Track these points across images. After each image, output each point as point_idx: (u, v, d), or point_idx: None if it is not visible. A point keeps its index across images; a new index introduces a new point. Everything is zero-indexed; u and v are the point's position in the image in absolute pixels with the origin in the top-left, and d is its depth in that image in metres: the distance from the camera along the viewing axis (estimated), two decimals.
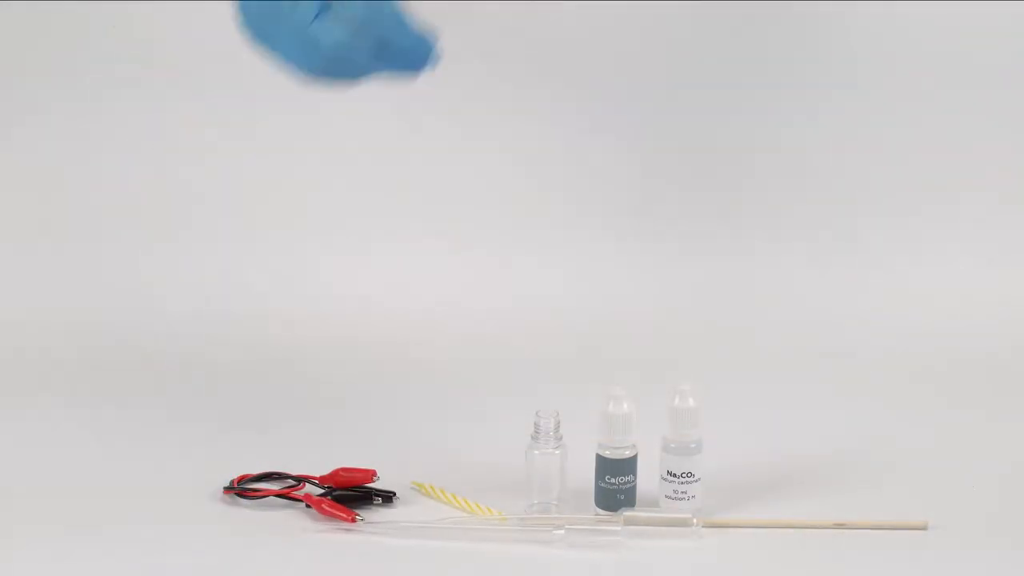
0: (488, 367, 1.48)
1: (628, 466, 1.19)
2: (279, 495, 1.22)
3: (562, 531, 1.17)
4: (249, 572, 1.15)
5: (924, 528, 1.18)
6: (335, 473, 1.23)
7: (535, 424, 1.20)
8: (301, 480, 1.23)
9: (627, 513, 1.18)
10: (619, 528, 1.17)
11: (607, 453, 1.19)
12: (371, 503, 1.21)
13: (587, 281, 1.58)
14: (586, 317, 1.56)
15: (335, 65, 1.17)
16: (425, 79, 1.20)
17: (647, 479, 1.20)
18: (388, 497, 1.22)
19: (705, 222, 1.59)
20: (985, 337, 1.53)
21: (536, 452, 1.20)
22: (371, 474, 1.23)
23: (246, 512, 1.21)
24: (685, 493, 1.19)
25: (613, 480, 1.19)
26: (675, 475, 1.19)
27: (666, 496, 1.20)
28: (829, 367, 1.49)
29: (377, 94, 1.28)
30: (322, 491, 1.22)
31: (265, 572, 1.14)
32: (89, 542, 1.17)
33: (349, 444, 1.28)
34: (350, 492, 1.22)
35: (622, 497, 1.19)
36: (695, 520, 1.17)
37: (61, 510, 1.22)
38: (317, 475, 1.24)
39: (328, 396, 1.42)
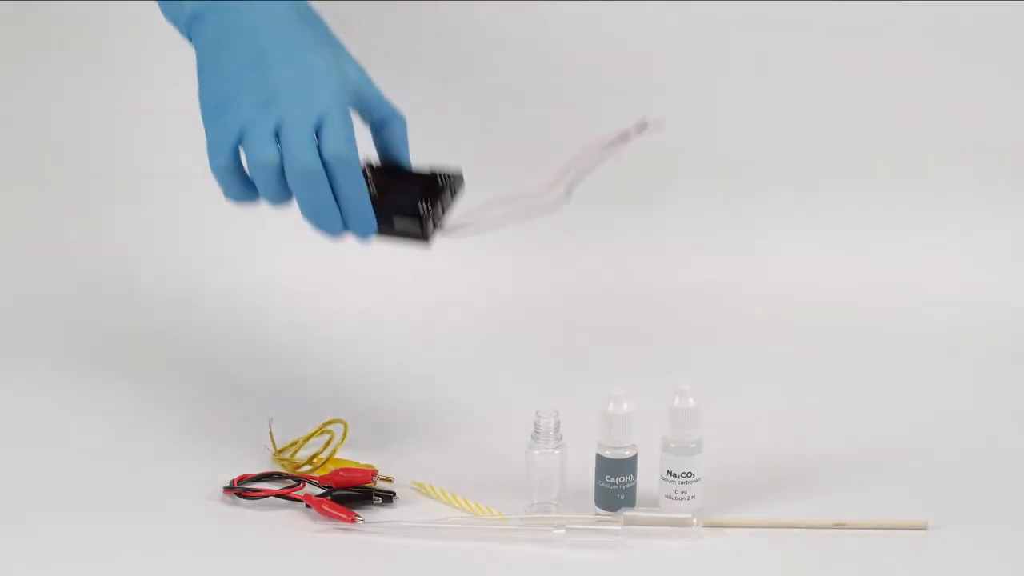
0: (488, 366, 1.48)
1: (628, 466, 1.19)
2: (279, 495, 1.22)
3: (562, 531, 1.17)
4: (249, 572, 1.14)
5: (924, 528, 1.18)
6: (335, 473, 1.23)
7: (535, 424, 1.20)
8: (301, 480, 1.23)
9: (627, 513, 1.18)
10: (619, 528, 1.17)
11: (607, 453, 1.19)
12: (371, 503, 1.21)
13: (587, 280, 1.58)
14: (586, 316, 1.56)
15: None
16: None
17: (647, 479, 1.20)
18: (388, 497, 1.22)
19: (706, 222, 1.59)
20: (986, 337, 1.53)
21: (536, 452, 1.20)
22: (371, 474, 1.23)
23: (246, 512, 1.21)
24: (685, 493, 1.19)
25: (613, 480, 1.19)
26: (675, 475, 1.19)
27: (666, 496, 1.20)
28: (829, 367, 1.49)
29: None
30: (322, 491, 1.22)
31: (265, 572, 1.14)
32: (89, 542, 1.17)
33: (349, 444, 1.28)
34: (350, 492, 1.22)
35: (622, 497, 1.19)
36: (695, 520, 1.17)
37: (60, 510, 1.22)
38: (317, 475, 1.24)
39: (328, 395, 1.42)
